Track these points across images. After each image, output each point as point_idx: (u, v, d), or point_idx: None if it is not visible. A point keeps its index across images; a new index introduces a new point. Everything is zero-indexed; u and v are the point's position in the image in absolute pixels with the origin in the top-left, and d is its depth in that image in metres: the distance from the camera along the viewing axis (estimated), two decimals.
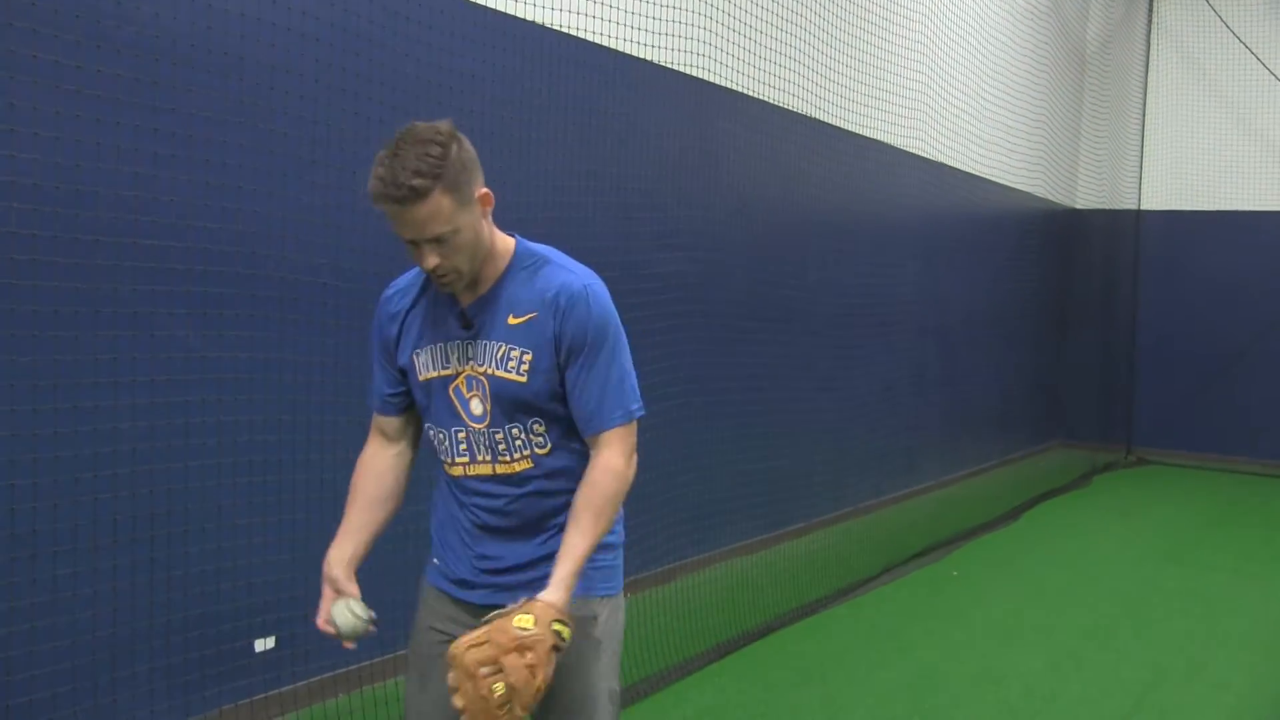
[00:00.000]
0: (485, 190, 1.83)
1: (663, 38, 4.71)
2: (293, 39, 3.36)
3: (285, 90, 3.35)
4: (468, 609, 1.94)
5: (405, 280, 2.01)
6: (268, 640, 3.43)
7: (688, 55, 4.89)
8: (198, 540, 3.20)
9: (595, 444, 1.89)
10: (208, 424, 3.21)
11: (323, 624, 1.94)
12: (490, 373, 1.87)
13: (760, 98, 5.53)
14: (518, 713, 1.69)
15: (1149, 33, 10.14)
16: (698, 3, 4.91)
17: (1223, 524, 7.60)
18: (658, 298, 4.72)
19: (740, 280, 5.67)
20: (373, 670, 3.67)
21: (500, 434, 1.88)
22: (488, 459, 1.90)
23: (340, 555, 1.96)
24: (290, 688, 3.49)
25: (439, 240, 1.76)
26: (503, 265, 1.89)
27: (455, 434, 1.92)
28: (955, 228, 8.05)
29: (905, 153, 7.09)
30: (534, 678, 1.68)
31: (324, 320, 3.48)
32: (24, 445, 2.81)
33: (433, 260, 1.78)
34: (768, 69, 5.45)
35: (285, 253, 3.39)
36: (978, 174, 8.20)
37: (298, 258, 3.43)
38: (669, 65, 4.87)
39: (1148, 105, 10.18)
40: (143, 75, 2.99)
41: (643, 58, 4.70)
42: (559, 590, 1.76)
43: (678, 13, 4.77)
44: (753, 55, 5.31)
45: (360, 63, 3.55)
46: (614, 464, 1.87)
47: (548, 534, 1.91)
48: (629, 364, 1.92)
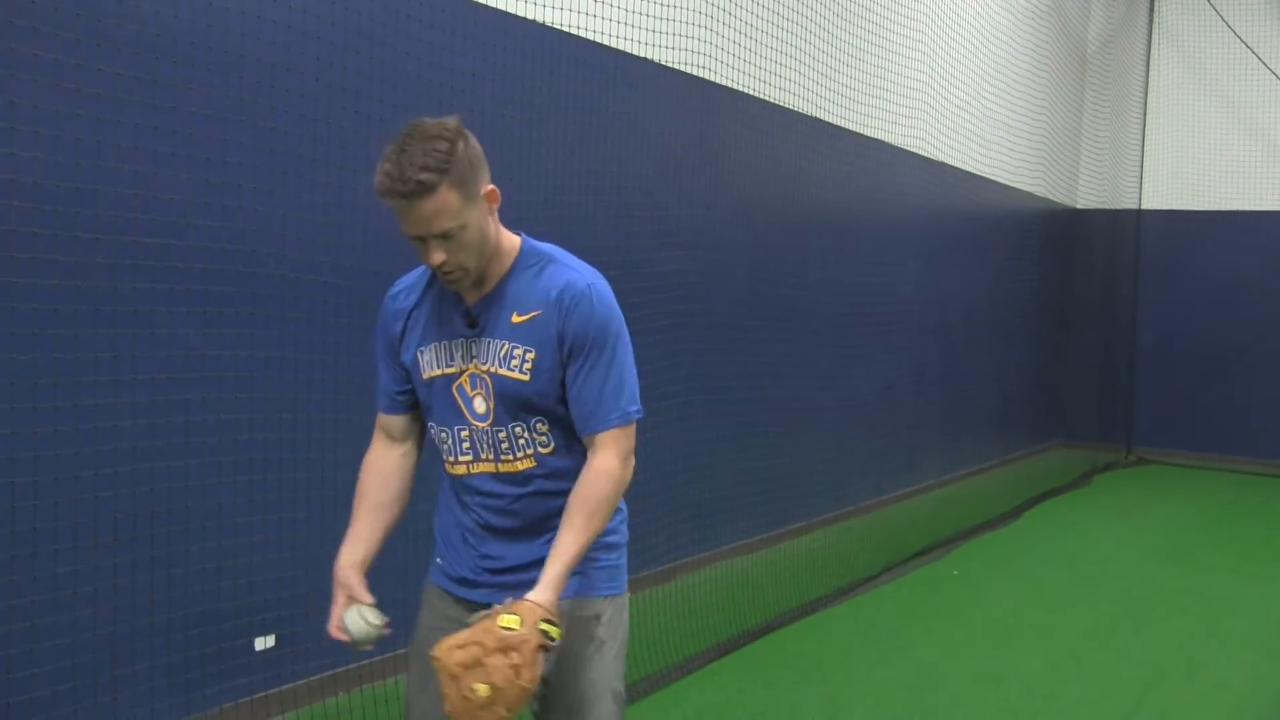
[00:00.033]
0: (492, 187, 1.82)
1: (664, 37, 4.71)
2: (294, 37, 3.36)
3: (286, 88, 3.35)
4: (470, 608, 1.93)
5: (411, 278, 2.00)
6: (268, 639, 3.42)
7: (689, 54, 4.89)
8: (198, 538, 3.20)
9: (592, 444, 1.88)
10: (208, 422, 3.21)
11: (335, 631, 1.92)
12: (493, 371, 1.86)
13: (761, 97, 5.53)
14: (502, 713, 1.67)
15: (1150, 32, 10.13)
16: (699, 2, 4.91)
17: (1223, 523, 7.59)
18: (659, 296, 4.72)
19: (741, 279, 5.67)
20: (373, 669, 3.67)
21: (503, 432, 1.88)
22: (490, 458, 1.90)
23: (351, 559, 1.95)
24: (290, 686, 3.49)
25: (445, 236, 1.75)
26: (508, 263, 1.88)
27: (458, 432, 1.91)
28: (956, 227, 8.05)
29: (906, 152, 7.09)
30: (518, 678, 1.67)
31: (324, 318, 3.48)
32: (24, 443, 2.81)
33: (439, 256, 1.77)
34: (769, 68, 5.45)
35: (286, 251, 3.39)
36: (978, 173, 8.20)
37: (298, 256, 3.42)
38: (670, 65, 4.87)
39: (1149, 105, 10.18)
40: (143, 73, 2.98)
41: (644, 57, 4.70)
42: (547, 590, 1.76)
43: (679, 12, 4.77)
44: (754, 55, 5.31)
45: (361, 61, 3.55)
46: (609, 466, 1.85)
47: (550, 534, 1.89)
48: (630, 365, 1.90)
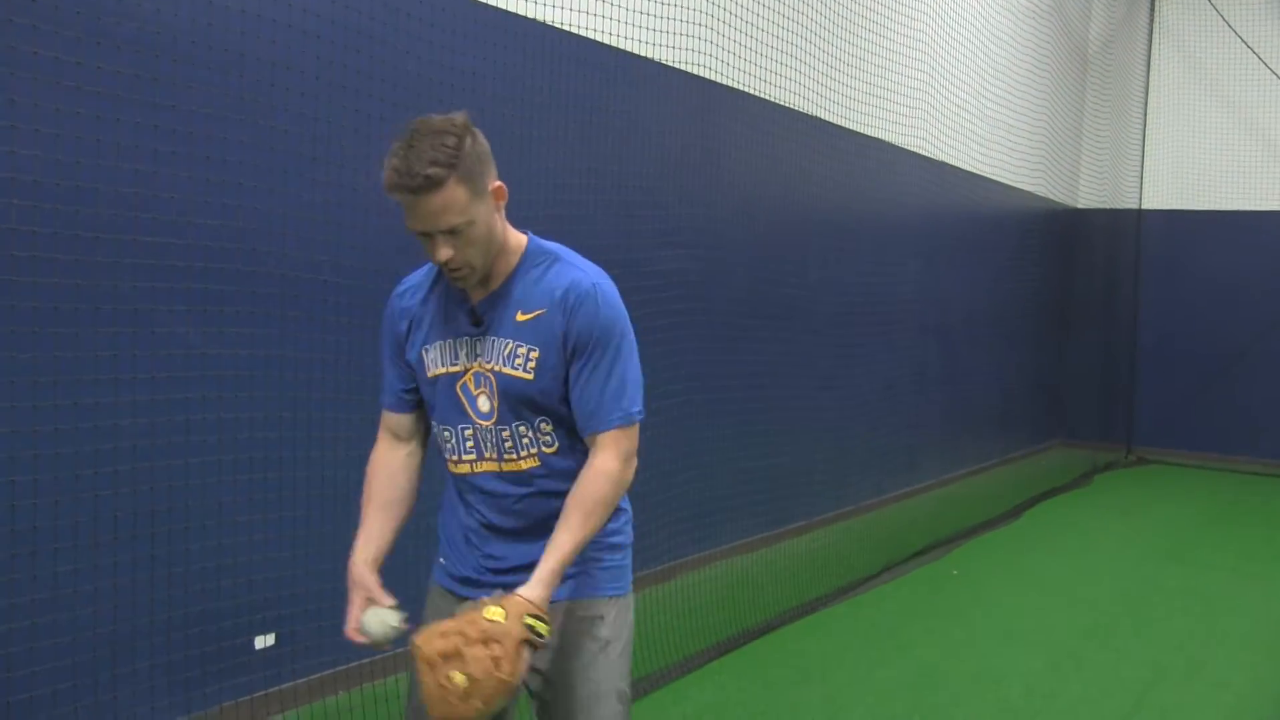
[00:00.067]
0: (499, 184, 1.82)
1: (665, 36, 4.71)
2: (294, 36, 3.35)
3: (286, 87, 3.34)
4: None
5: (416, 277, 2.00)
6: (268, 637, 3.42)
7: (689, 53, 4.89)
8: (198, 537, 3.20)
9: (592, 444, 1.87)
10: (208, 421, 3.21)
11: (352, 632, 1.89)
12: (497, 369, 1.85)
13: (762, 96, 5.53)
14: (478, 705, 1.65)
15: (1151, 32, 10.13)
16: (700, 1, 4.91)
17: (1223, 523, 7.59)
18: (659, 295, 4.72)
19: (742, 278, 5.67)
20: (373, 668, 3.67)
21: (507, 431, 1.87)
22: (494, 457, 1.89)
23: (365, 559, 1.94)
24: (290, 685, 3.49)
25: (453, 232, 1.75)
26: (514, 261, 1.88)
27: (462, 431, 1.91)
28: (956, 227, 8.04)
29: (907, 151, 7.08)
30: (497, 669, 1.65)
31: (325, 317, 3.48)
32: (24, 442, 2.81)
33: (446, 253, 1.77)
34: (769, 67, 5.45)
35: (286, 249, 3.39)
36: (979, 173, 8.19)
37: (298, 254, 3.42)
38: (671, 63, 4.87)
39: (1149, 105, 10.17)
40: (143, 72, 2.98)
41: (644, 56, 4.69)
42: (537, 587, 1.75)
43: (680, 11, 4.76)
44: (754, 54, 5.31)
45: (361, 60, 3.55)
46: (608, 466, 1.84)
47: None
48: (634, 365, 1.89)
